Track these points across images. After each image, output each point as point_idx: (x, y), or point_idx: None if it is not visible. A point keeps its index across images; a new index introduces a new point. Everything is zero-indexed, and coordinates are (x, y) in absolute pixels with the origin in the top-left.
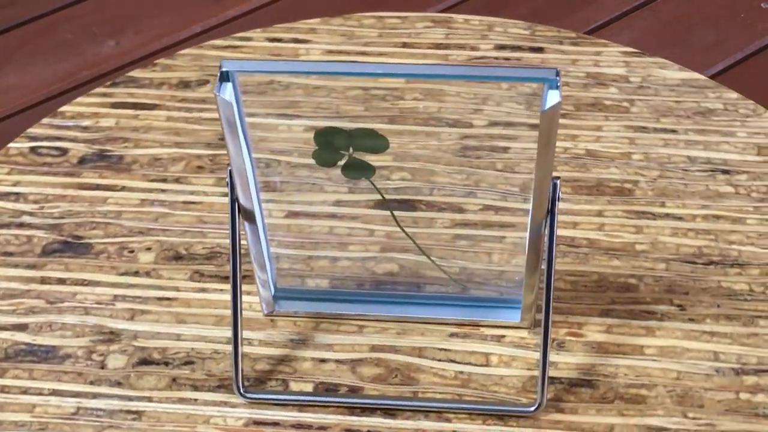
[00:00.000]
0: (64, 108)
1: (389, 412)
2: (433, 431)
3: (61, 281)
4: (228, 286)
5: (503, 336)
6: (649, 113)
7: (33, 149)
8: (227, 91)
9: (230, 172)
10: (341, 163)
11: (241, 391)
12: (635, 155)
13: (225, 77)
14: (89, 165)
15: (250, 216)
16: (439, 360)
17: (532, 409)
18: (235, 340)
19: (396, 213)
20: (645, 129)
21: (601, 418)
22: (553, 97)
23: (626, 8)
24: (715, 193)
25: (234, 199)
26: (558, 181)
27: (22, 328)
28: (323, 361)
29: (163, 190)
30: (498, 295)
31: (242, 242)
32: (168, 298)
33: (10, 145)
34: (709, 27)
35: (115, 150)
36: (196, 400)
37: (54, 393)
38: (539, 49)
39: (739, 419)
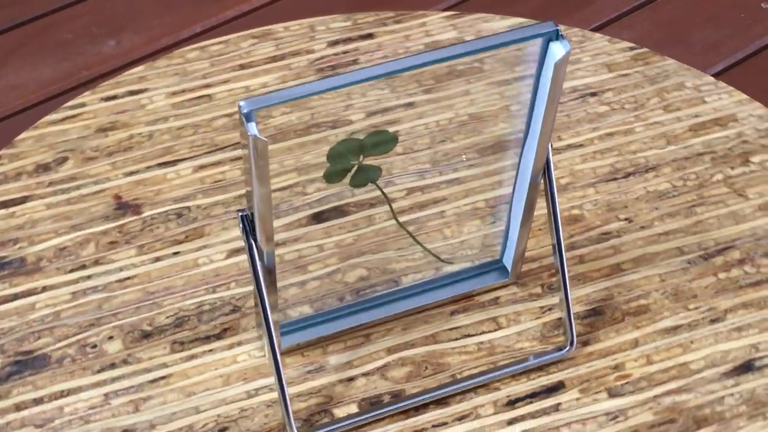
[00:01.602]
0: None
1: (440, 402)
2: (489, 403)
3: (38, 401)
4: (217, 345)
5: (498, 297)
6: (500, 66)
7: None
8: (255, 131)
9: (243, 217)
10: (350, 173)
11: None
12: (513, 106)
13: (249, 118)
14: None
15: (264, 258)
16: (456, 339)
17: (567, 350)
18: (281, 384)
19: (334, 222)
20: (506, 81)
21: (622, 338)
22: (557, 50)
23: (626, 8)
24: (595, 115)
25: (251, 244)
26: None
27: None
28: (351, 379)
29: (88, 277)
30: (472, 263)
31: (200, 299)
32: (162, 377)
33: None
34: (709, 27)
35: (11, 254)
36: None
37: None
38: (369, 35)
39: (731, 296)
